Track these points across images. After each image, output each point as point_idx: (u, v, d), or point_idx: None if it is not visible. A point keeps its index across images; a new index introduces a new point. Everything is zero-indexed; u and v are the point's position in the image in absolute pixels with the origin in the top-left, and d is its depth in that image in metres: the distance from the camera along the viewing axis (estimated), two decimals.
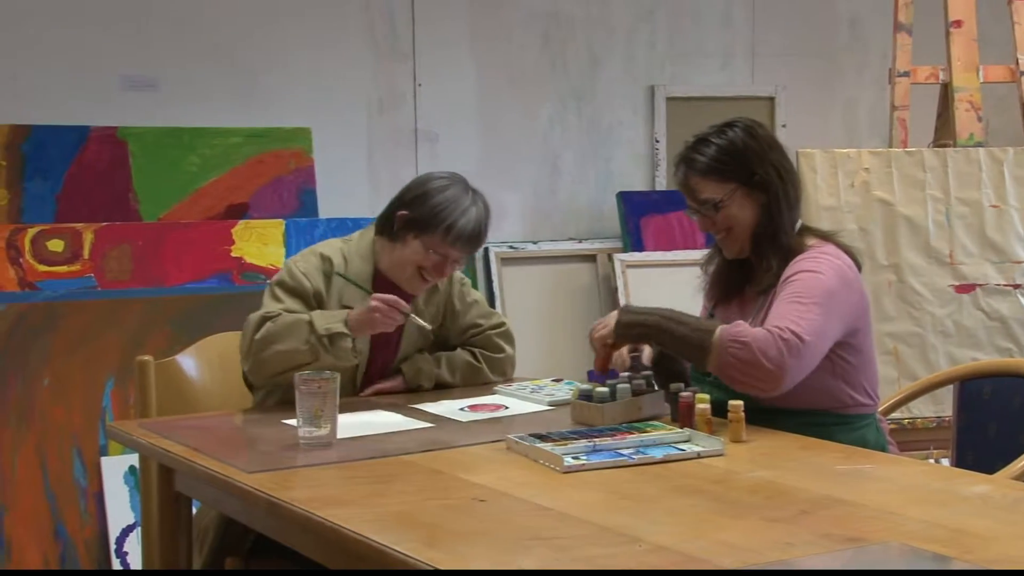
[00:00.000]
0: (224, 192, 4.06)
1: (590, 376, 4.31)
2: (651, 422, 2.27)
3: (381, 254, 2.67)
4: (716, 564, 1.52)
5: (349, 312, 2.54)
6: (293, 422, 2.24)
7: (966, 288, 4.04)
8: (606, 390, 2.35)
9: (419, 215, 2.59)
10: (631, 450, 2.05)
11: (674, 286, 4.47)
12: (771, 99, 4.98)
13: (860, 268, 2.41)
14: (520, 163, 4.67)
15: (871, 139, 5.11)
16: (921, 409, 3.87)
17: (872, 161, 4.08)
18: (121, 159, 3.95)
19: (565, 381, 2.74)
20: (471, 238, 2.60)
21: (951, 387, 2.77)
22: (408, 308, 2.55)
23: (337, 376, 2.20)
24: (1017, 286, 4.06)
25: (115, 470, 3.67)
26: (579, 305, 4.66)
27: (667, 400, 2.35)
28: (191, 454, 2.16)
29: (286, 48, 4.24)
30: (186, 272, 3.89)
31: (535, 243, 4.65)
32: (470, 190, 2.64)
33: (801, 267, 2.33)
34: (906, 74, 4.26)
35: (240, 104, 4.16)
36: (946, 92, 4.30)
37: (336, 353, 2.50)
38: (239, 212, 4.05)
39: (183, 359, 2.80)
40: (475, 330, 2.80)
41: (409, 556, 1.57)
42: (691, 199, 2.47)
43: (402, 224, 2.61)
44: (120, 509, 3.63)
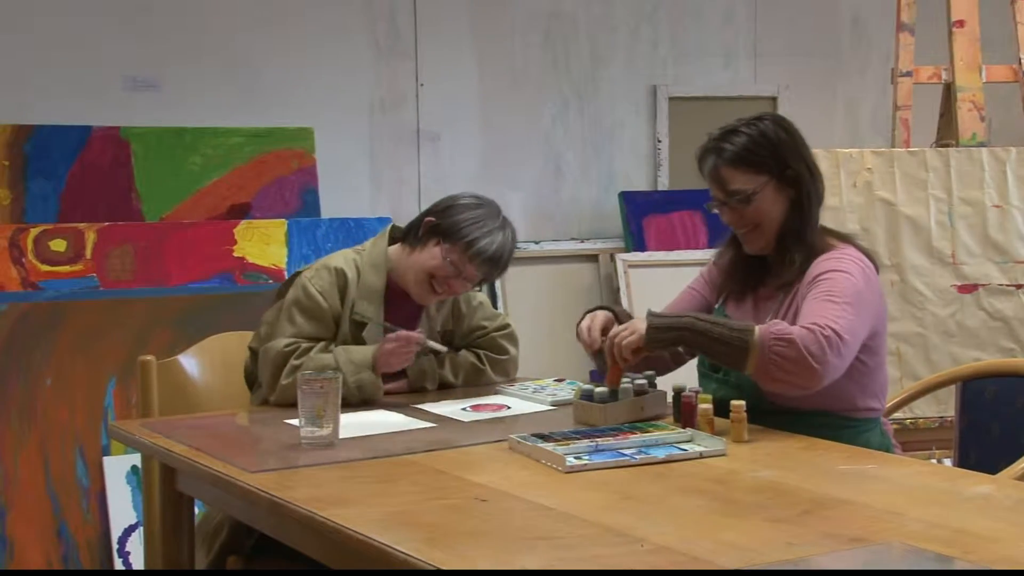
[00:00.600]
0: (226, 192, 4.06)
1: (592, 376, 4.31)
2: (653, 422, 2.27)
3: (397, 262, 2.68)
4: (718, 564, 1.52)
5: (373, 353, 2.56)
6: (295, 422, 2.24)
7: (968, 288, 4.04)
8: (607, 390, 2.34)
9: (445, 223, 2.61)
10: (633, 450, 2.05)
11: (676, 286, 4.47)
12: (773, 99, 4.98)
13: (878, 271, 2.41)
14: (522, 163, 4.67)
15: (874, 139, 5.11)
16: (924, 409, 3.87)
17: (875, 161, 4.07)
18: (123, 159, 3.95)
19: (567, 381, 2.74)
20: (491, 259, 2.61)
21: (953, 387, 2.77)
22: (423, 339, 2.57)
23: (339, 376, 2.21)
24: (1020, 286, 4.06)
25: (117, 470, 3.67)
26: (581, 305, 4.60)
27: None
28: (193, 454, 2.16)
29: (288, 48, 4.24)
30: (188, 272, 3.89)
31: (537, 243, 4.64)
32: (502, 217, 2.67)
33: (829, 267, 2.32)
34: (909, 74, 4.26)
35: (242, 104, 4.16)
36: (948, 92, 4.29)
37: (365, 395, 2.55)
38: (241, 212, 4.05)
39: (185, 359, 2.80)
40: (480, 332, 2.80)
41: (411, 556, 1.57)
42: (719, 190, 2.40)
43: (427, 229, 2.63)
44: (122, 509, 3.64)
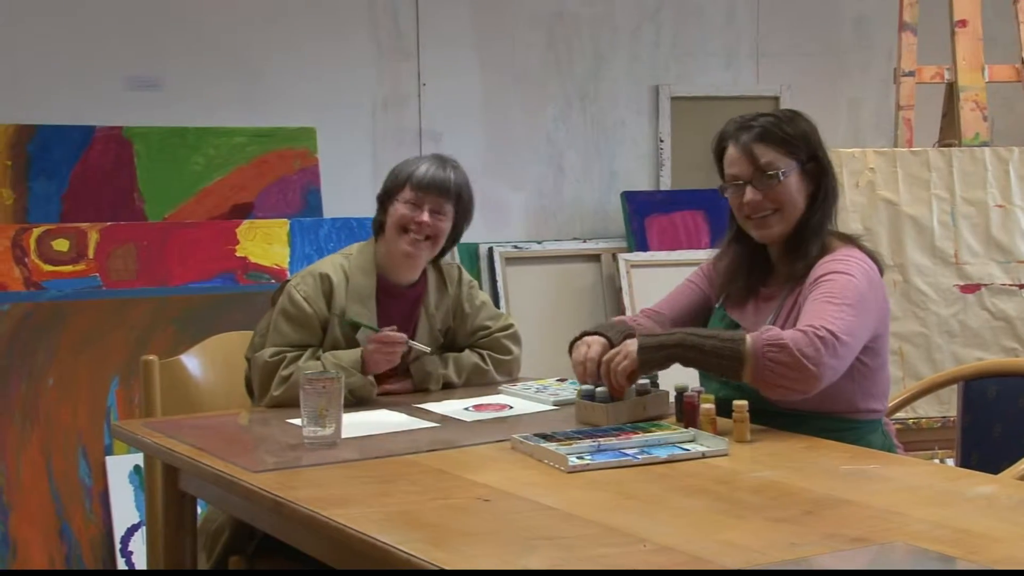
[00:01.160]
0: (229, 192, 4.06)
1: None
2: (655, 422, 2.27)
3: (383, 261, 2.73)
4: (720, 564, 1.52)
5: (362, 355, 2.58)
6: (298, 421, 2.24)
7: (971, 288, 4.04)
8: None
9: (386, 185, 2.74)
10: (635, 450, 2.05)
11: None
12: (776, 98, 4.98)
13: (883, 273, 2.40)
14: (524, 162, 4.67)
15: (876, 139, 5.11)
16: (926, 409, 3.87)
17: (877, 161, 4.08)
18: (126, 159, 3.95)
19: (569, 381, 2.74)
20: (435, 179, 2.69)
21: (956, 387, 2.77)
22: (404, 337, 2.60)
23: (342, 376, 2.21)
24: (1022, 286, 4.05)
25: (120, 469, 3.67)
26: (583, 305, 4.66)
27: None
28: (196, 453, 2.17)
29: (291, 47, 4.25)
30: (191, 272, 3.89)
31: (539, 243, 4.65)
32: (432, 155, 2.78)
33: (831, 268, 2.31)
34: (911, 73, 4.26)
35: (245, 104, 4.16)
36: (951, 92, 4.29)
37: (358, 398, 2.56)
38: (244, 212, 4.05)
39: (188, 359, 2.80)
40: (483, 332, 2.81)
41: (414, 556, 1.57)
42: (747, 166, 2.37)
43: (379, 205, 2.75)
44: (125, 508, 3.64)
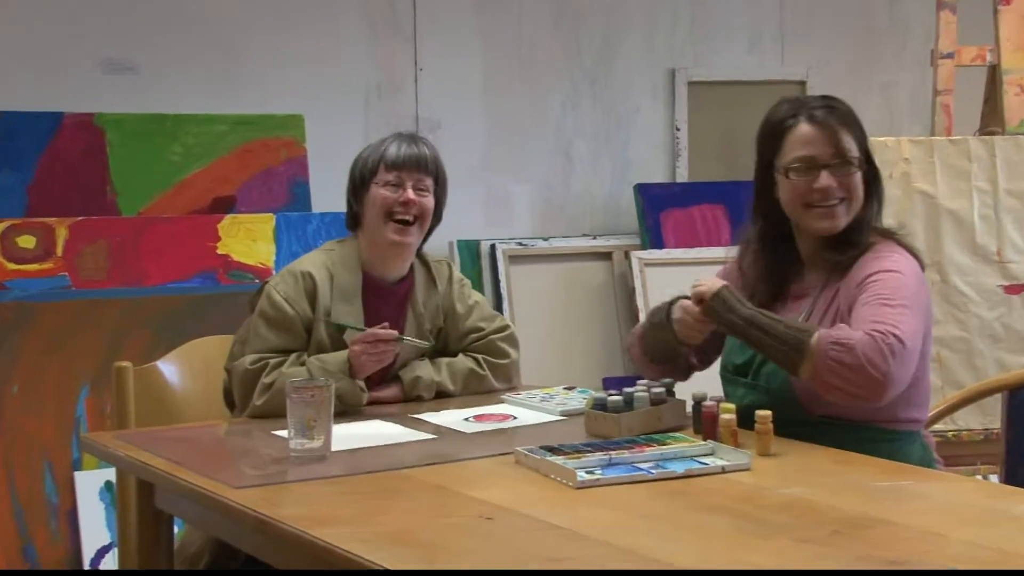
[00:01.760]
0: (209, 184, 4.06)
1: (605, 384, 4.31)
2: (671, 434, 2.27)
3: (367, 256, 2.74)
4: None
5: (348, 357, 2.58)
6: (284, 433, 2.24)
7: (1016, 288, 4.03)
8: (622, 399, 2.35)
9: (356, 174, 2.76)
10: (650, 464, 2.05)
11: None
12: (802, 83, 4.98)
13: (924, 268, 2.42)
14: (530, 153, 4.67)
15: (912, 126, 5.11)
16: (967, 420, 3.86)
17: (913, 150, 4.07)
18: (97, 148, 3.96)
19: (578, 389, 2.74)
20: (410, 153, 2.71)
21: (1000, 396, 2.76)
22: (394, 334, 2.60)
23: (332, 384, 2.21)
24: None
25: (89, 486, 3.67)
26: (593, 306, 4.66)
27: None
28: (173, 468, 2.17)
29: (277, 29, 4.25)
30: (168, 271, 3.89)
31: (545, 239, 4.65)
32: (395, 134, 2.79)
33: (878, 267, 2.32)
34: (950, 55, 4.25)
35: (227, 89, 4.16)
36: (994, 75, 4.29)
37: (346, 404, 2.56)
38: (225, 206, 4.06)
39: (164, 365, 2.80)
40: (477, 334, 2.81)
41: None
42: (828, 146, 2.38)
43: (352, 196, 2.76)
44: (95, 528, 3.64)
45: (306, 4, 4.30)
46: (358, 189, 2.75)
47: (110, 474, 3.51)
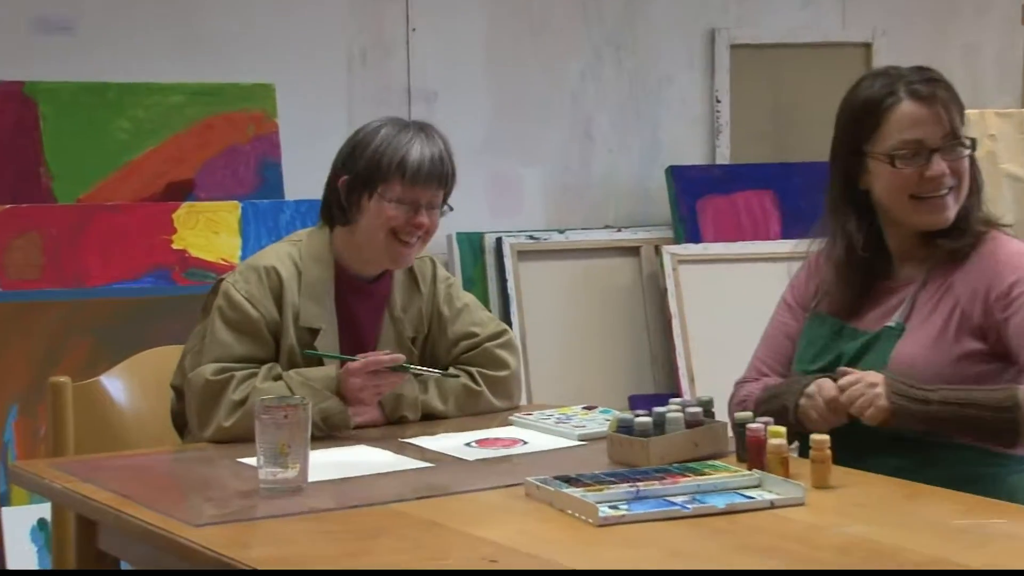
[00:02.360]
0: (162, 166, 4.07)
1: (632, 403, 4.31)
2: (711, 462, 2.28)
3: (343, 247, 2.73)
4: None
5: (337, 373, 2.59)
6: (252, 461, 2.25)
7: None
8: (651, 420, 2.35)
9: (361, 169, 2.67)
10: (685, 498, 2.06)
11: (740, 287, 4.48)
12: (867, 46, 4.98)
13: None
14: (542, 130, 4.68)
15: (998, 97, 5.10)
16: None
17: (1000, 125, 4.07)
18: (29, 123, 3.96)
19: (599, 409, 2.75)
20: (432, 169, 2.66)
21: None
22: (400, 359, 2.61)
23: (308, 403, 2.22)
24: None
25: (19, 523, 3.68)
26: (617, 311, 4.66)
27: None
28: (119, 502, 2.17)
29: None
30: (113, 269, 3.90)
31: (561, 232, 4.66)
32: (409, 125, 2.73)
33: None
34: None
35: (183, 54, 4.17)
36: None
37: (331, 427, 2.58)
38: (182, 192, 4.07)
39: (109, 380, 2.81)
40: (469, 341, 2.81)
41: None
42: (941, 127, 2.43)
43: (348, 191, 2.69)
44: None
45: None
46: (357, 186, 2.68)
47: (45, 510, 3.52)
